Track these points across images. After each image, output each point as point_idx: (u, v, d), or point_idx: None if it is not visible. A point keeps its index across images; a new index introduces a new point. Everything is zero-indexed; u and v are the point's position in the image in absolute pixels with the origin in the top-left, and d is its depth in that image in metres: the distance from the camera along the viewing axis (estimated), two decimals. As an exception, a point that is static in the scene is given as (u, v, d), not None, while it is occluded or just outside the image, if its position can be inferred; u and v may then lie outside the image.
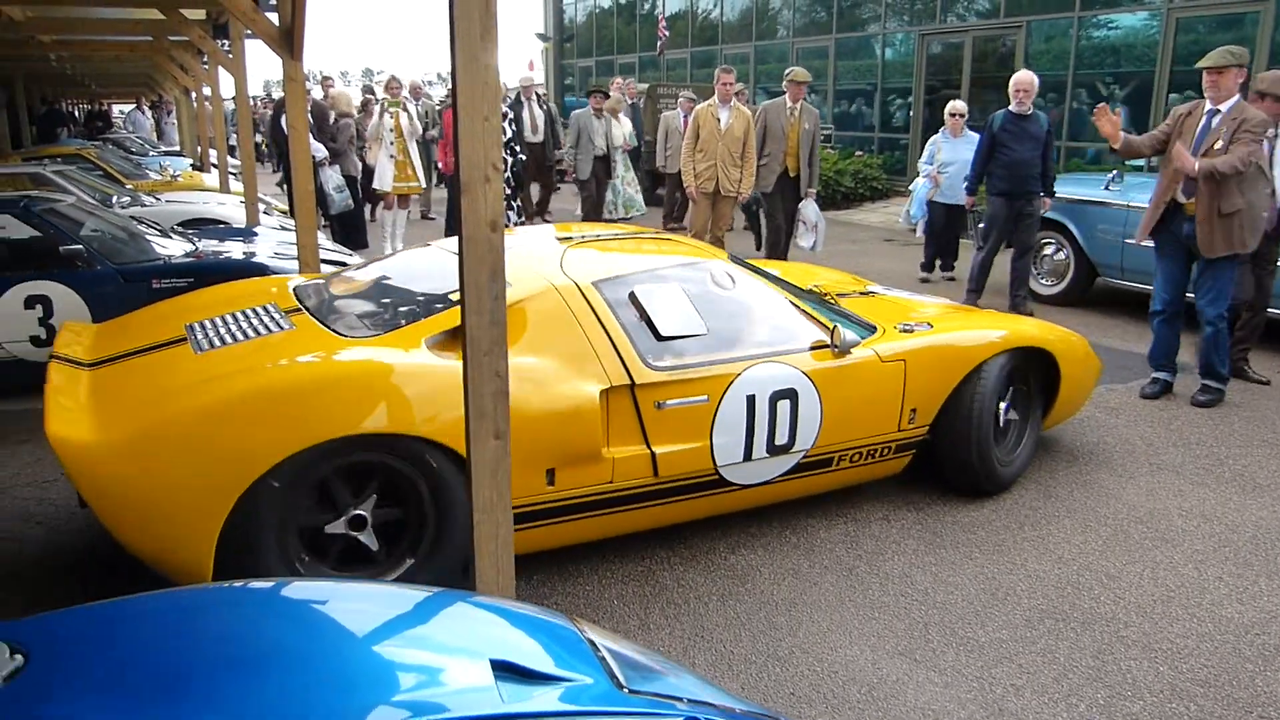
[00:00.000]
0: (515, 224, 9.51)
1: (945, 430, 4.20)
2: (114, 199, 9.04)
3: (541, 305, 3.54)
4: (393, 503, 3.29)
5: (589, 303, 3.59)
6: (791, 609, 3.43)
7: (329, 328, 3.57)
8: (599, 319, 3.57)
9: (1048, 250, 8.31)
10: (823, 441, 3.88)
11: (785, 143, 8.52)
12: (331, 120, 10.13)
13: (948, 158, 8.90)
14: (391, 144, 10.22)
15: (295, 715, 1.46)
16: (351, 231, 10.07)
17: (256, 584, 2.06)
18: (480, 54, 2.35)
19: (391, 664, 1.68)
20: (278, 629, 1.80)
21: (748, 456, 3.72)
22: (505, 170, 9.68)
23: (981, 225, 8.05)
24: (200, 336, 3.62)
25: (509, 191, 9.83)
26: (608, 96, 12.13)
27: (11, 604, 3.34)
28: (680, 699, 1.70)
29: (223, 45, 9.67)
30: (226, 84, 11.11)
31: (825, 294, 4.80)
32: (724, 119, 8.44)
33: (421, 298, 3.70)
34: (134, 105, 24.78)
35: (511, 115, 10.63)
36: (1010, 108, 7.61)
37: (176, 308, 4.21)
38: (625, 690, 1.68)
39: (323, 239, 7.17)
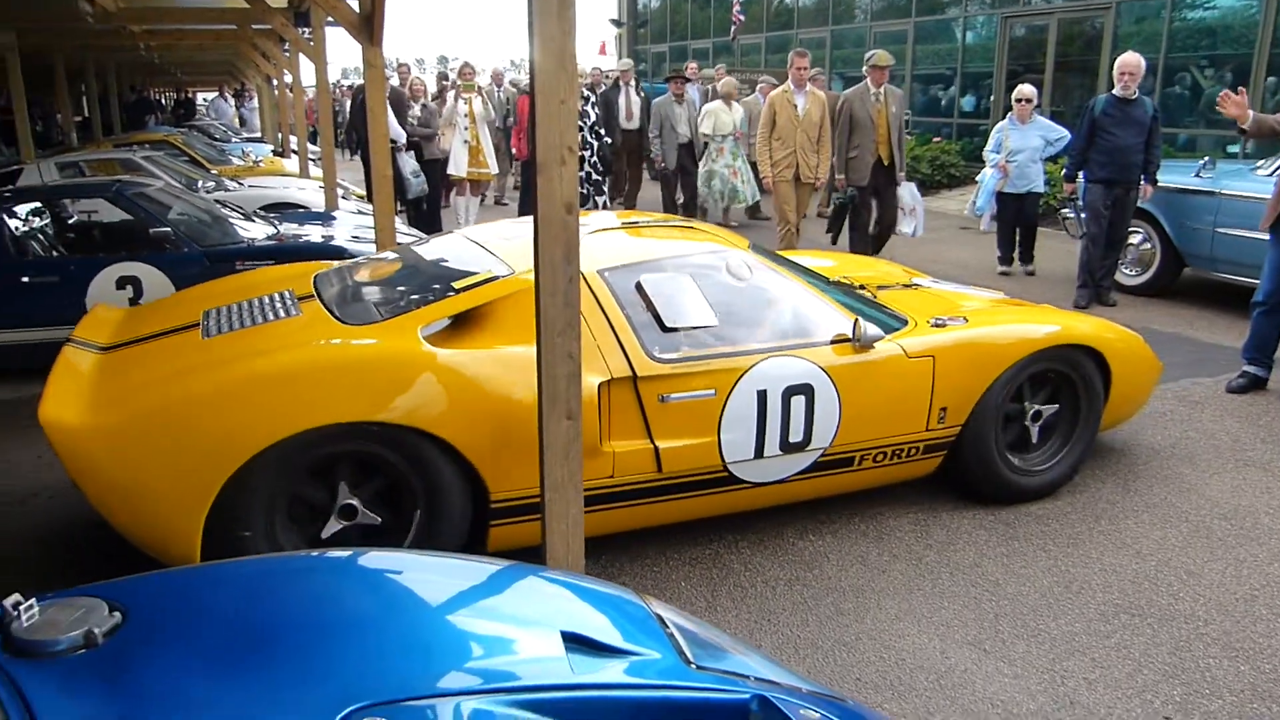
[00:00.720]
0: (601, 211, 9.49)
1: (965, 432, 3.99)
2: (199, 184, 9.33)
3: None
4: (382, 492, 3.29)
5: (593, 292, 3.50)
6: (859, 595, 3.42)
7: (333, 315, 3.57)
8: (602, 309, 3.48)
9: (1134, 239, 8.05)
10: (842, 440, 3.71)
11: (874, 131, 8.22)
12: (419, 107, 10.31)
13: (1016, 145, 8.56)
14: (465, 129, 10.27)
15: (374, 679, 1.51)
16: (427, 216, 10.23)
17: (338, 553, 2.13)
18: (557, 37, 2.38)
19: (465, 633, 1.73)
20: (359, 596, 1.86)
21: (759, 454, 3.59)
22: (591, 154, 9.67)
23: (1081, 215, 7.79)
24: (211, 322, 3.66)
25: (596, 177, 9.82)
26: (687, 81, 11.82)
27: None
28: (747, 676, 1.72)
29: (304, 33, 9.87)
30: (307, 71, 11.34)
31: (860, 286, 4.65)
32: (800, 104, 8.32)
33: (429, 286, 3.68)
34: (217, 93, 25.48)
35: (595, 99, 10.50)
36: (1114, 91, 7.33)
37: (204, 293, 4.27)
38: (693, 666, 1.70)
39: (399, 223, 7.30)
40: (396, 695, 1.47)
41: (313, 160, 12.19)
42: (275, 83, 16.46)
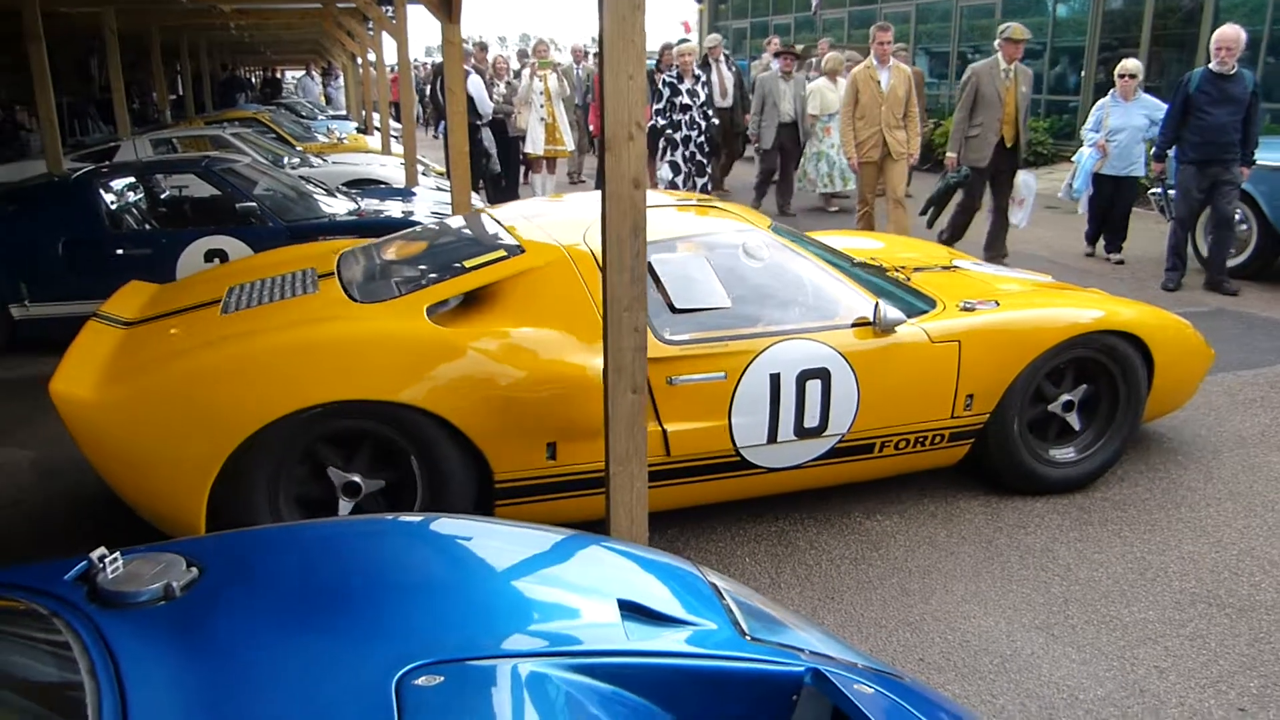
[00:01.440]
0: (707, 193, 9.32)
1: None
2: (285, 160, 9.57)
3: (552, 273, 3.44)
4: (384, 469, 3.31)
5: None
6: (925, 576, 3.39)
7: (348, 293, 3.59)
8: None
9: (1227, 220, 7.74)
10: (861, 426, 3.60)
11: (1001, 109, 7.79)
12: (503, 84, 10.43)
13: (1117, 124, 8.12)
14: (541, 107, 10.30)
15: (436, 638, 1.56)
16: (506, 193, 10.35)
17: (409, 517, 2.19)
18: (626, 13, 2.38)
19: (525, 597, 1.78)
20: (425, 559, 1.92)
21: (772, 439, 3.50)
22: (699, 134, 9.39)
23: (1172, 196, 7.47)
24: (232, 298, 3.70)
25: (700, 158, 9.47)
26: (796, 57, 11.11)
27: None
28: (802, 650, 1.73)
29: (386, 11, 10.03)
30: (390, 50, 11.53)
31: (898, 269, 4.48)
32: (884, 80, 8.07)
33: (443, 264, 3.68)
34: (304, 71, 26.03)
35: (704, 78, 9.84)
36: (1210, 66, 6.98)
37: (235, 269, 4.33)
38: (747, 637, 1.72)
39: (476, 200, 7.39)
40: (457, 654, 1.52)
41: (394, 137, 12.40)
42: (360, 61, 16.76)
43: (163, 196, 7.30)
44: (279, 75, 30.46)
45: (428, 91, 15.07)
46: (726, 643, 1.69)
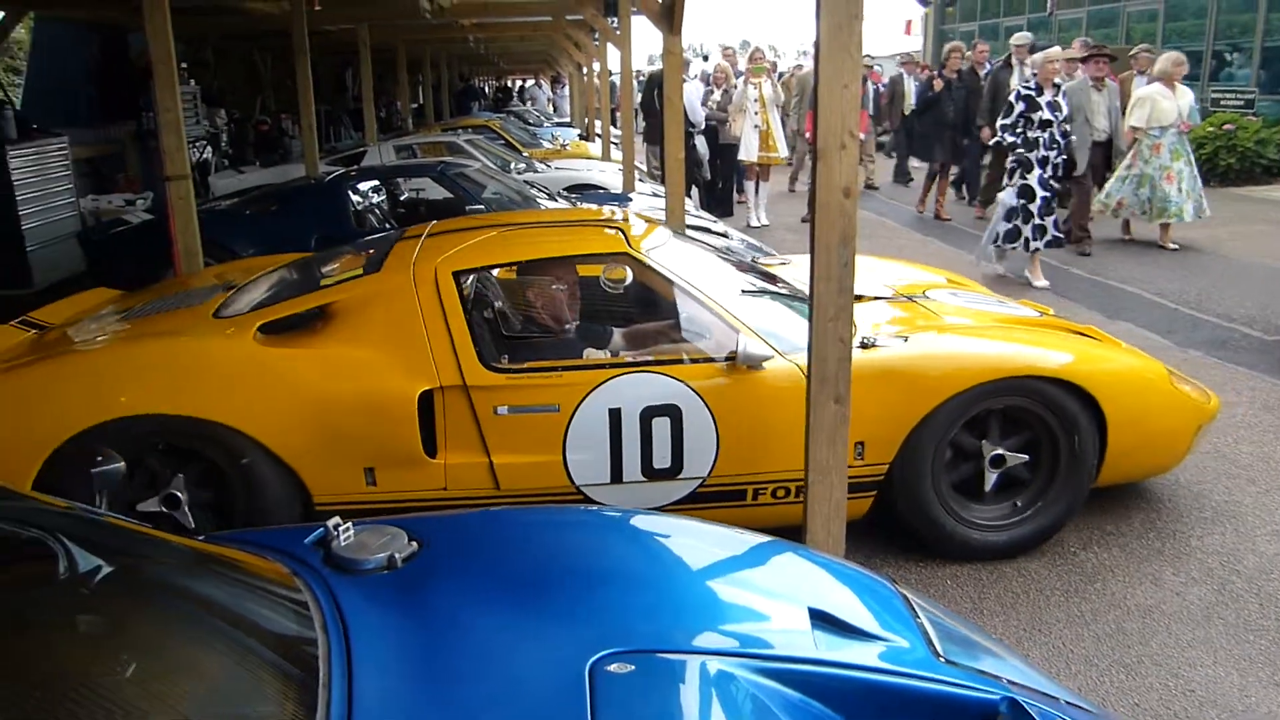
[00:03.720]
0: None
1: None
2: (512, 165, 10.06)
3: (390, 293, 3.33)
4: (208, 485, 3.28)
5: (439, 293, 3.26)
6: (1146, 616, 3.17)
7: (217, 309, 3.58)
8: (444, 311, 3.24)
9: None
10: (725, 470, 3.26)
11: None
12: (720, 92, 10.55)
13: None
14: (755, 114, 10.26)
15: (631, 628, 1.63)
16: (720, 199, 10.45)
17: (611, 511, 2.28)
18: (843, 21, 2.38)
19: (718, 597, 1.82)
20: (626, 552, 2.00)
21: (617, 478, 3.24)
22: (1058, 155, 7.64)
23: None
24: (149, 305, 3.83)
25: (1055, 188, 7.74)
26: (1113, 60, 9.20)
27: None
28: (999, 677, 1.67)
29: (612, 22, 10.35)
30: (614, 60, 11.89)
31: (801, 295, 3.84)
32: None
33: (302, 282, 3.66)
34: (533, 80, 27.23)
35: (1062, 90, 7.90)
36: None
37: (206, 275, 4.48)
38: (941, 659, 1.68)
39: (689, 205, 7.52)
40: (649, 646, 1.58)
41: (615, 144, 12.77)
42: (585, 70, 17.37)
43: (402, 198, 7.86)
44: (510, 84, 32.02)
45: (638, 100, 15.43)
46: (919, 662, 1.66)
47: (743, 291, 3.71)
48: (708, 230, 6.71)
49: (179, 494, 3.21)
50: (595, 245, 3.69)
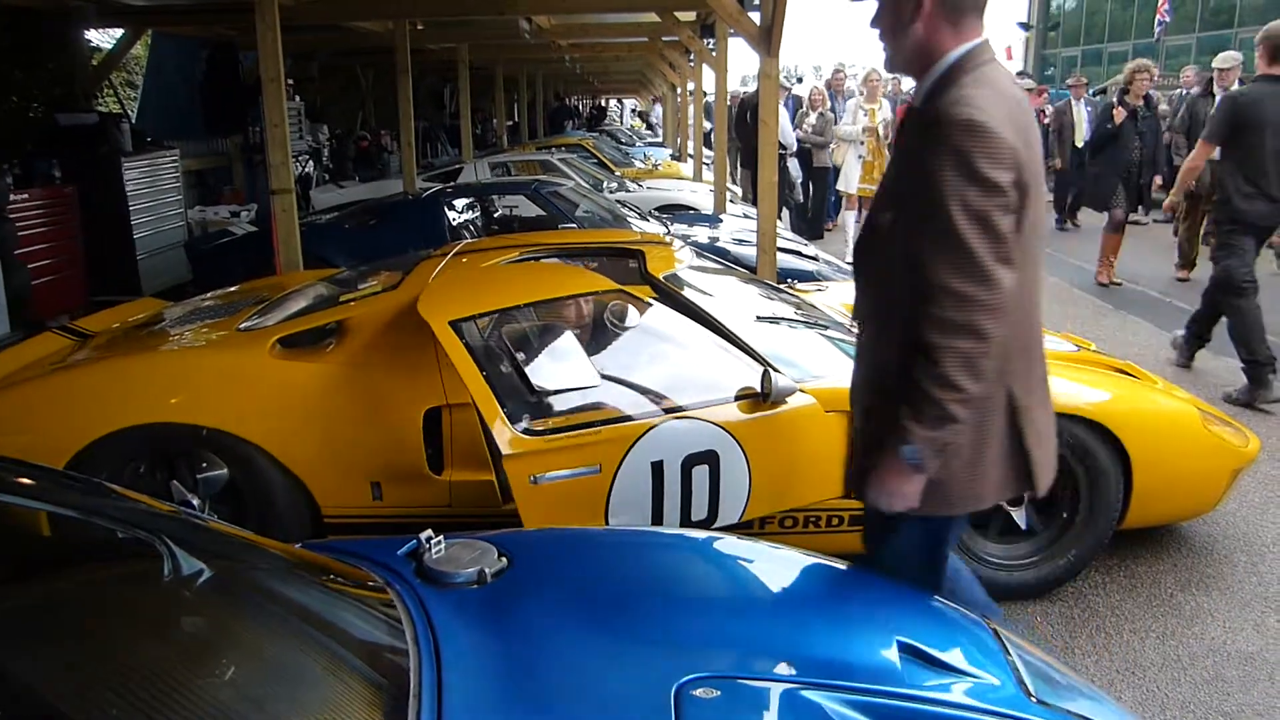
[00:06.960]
0: None
1: None
2: (604, 184, 10.16)
3: (401, 311, 3.27)
4: (221, 493, 3.28)
5: (441, 348, 2.95)
6: (1247, 664, 3.04)
7: (243, 322, 3.60)
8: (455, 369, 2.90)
9: None
10: (752, 512, 3.03)
11: None
12: (815, 115, 10.46)
13: None
14: (862, 144, 9.65)
15: (715, 653, 1.63)
16: (812, 222, 10.37)
17: (696, 534, 2.29)
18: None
19: (805, 625, 1.81)
20: (712, 576, 2.01)
21: None
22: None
23: None
24: (188, 313, 3.93)
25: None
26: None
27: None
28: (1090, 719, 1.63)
29: (708, 44, 10.40)
30: (709, 81, 11.93)
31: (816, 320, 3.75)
32: None
33: (331, 297, 3.67)
34: (614, 100, 27.43)
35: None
36: None
37: (257, 286, 4.51)
38: (1033, 699, 1.65)
39: (781, 228, 7.49)
40: (733, 672, 1.58)
41: (706, 165, 12.81)
42: (679, 90, 17.48)
43: (495, 215, 8.01)
44: (604, 104, 32.37)
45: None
46: (1009, 701, 1.63)
47: (768, 320, 3.61)
48: (799, 254, 6.69)
49: (192, 501, 3.37)
50: (599, 282, 3.43)
